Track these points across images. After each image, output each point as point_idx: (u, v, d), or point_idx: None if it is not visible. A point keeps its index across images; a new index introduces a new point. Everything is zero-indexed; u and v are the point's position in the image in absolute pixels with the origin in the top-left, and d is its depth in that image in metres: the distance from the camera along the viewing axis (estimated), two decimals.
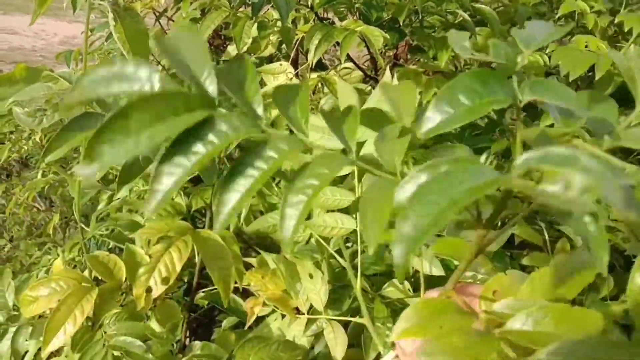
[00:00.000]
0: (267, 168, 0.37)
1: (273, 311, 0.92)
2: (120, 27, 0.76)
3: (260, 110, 0.39)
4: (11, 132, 2.85)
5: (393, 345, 0.41)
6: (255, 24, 1.14)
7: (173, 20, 2.03)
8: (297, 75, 1.63)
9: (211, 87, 0.37)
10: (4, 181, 2.87)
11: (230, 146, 0.87)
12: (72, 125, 0.68)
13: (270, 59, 1.87)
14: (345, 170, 0.78)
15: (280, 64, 1.64)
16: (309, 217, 0.89)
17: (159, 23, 2.13)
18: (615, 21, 1.35)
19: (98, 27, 1.93)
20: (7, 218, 2.65)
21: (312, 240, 0.96)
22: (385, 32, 1.16)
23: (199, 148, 0.35)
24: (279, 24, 1.19)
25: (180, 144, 0.36)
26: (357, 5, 1.14)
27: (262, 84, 1.77)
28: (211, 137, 0.36)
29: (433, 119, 0.32)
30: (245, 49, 1.61)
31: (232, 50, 1.70)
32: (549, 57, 1.33)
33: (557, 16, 1.45)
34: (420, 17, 1.16)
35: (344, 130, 0.42)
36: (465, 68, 1.76)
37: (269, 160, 0.37)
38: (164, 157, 0.35)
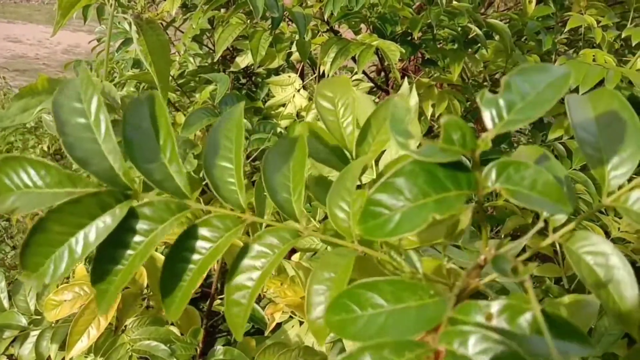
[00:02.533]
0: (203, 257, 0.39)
1: (290, 318, 0.93)
2: (143, 40, 0.78)
3: (182, 183, 0.40)
4: (17, 142, 2.87)
5: None
6: (270, 37, 1.16)
7: (182, 32, 2.05)
8: (304, 87, 1.66)
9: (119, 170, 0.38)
10: None
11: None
12: None
13: (277, 71, 1.89)
14: None
15: (289, 76, 1.67)
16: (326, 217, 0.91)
17: (167, 34, 2.16)
18: (622, 35, 1.37)
19: (111, 37, 1.95)
20: (12, 226, 2.67)
21: (329, 247, 0.97)
22: (400, 46, 1.18)
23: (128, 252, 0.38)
24: (294, 36, 1.21)
25: (109, 247, 0.38)
26: (371, 19, 1.17)
27: (270, 95, 1.79)
28: (137, 238, 0.38)
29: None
30: (246, 63, 1.64)
31: (240, 61, 1.72)
32: None
33: (564, 30, 1.48)
34: (433, 32, 1.18)
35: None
36: (473, 80, 1.79)
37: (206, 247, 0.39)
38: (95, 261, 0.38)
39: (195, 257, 0.40)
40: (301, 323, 0.92)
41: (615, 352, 0.75)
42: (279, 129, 1.18)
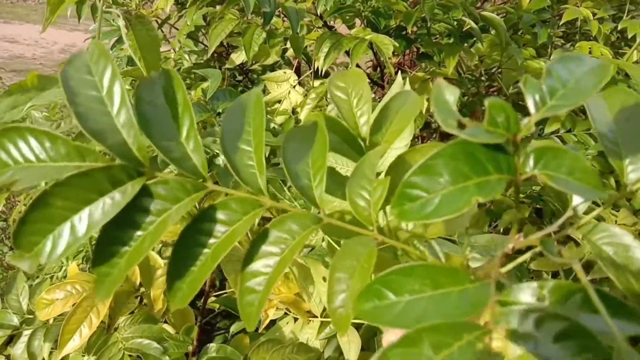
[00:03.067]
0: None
1: (285, 315, 0.92)
2: (132, 34, 0.77)
3: (199, 162, 0.38)
4: None
5: None
6: (263, 33, 1.15)
7: (177, 28, 2.04)
8: (300, 83, 1.65)
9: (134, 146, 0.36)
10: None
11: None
12: None
13: (272, 67, 1.88)
14: None
15: (284, 72, 1.66)
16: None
17: (162, 31, 2.15)
18: (619, 28, 1.36)
19: (104, 35, 1.94)
20: (10, 226, 2.66)
21: (324, 244, 0.97)
22: (393, 40, 1.17)
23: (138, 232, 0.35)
24: (287, 32, 1.20)
25: (116, 227, 0.35)
26: (365, 13, 1.16)
27: (266, 91, 1.79)
28: (148, 218, 0.35)
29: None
30: (241, 60, 1.63)
31: (235, 57, 1.71)
32: None
33: (560, 23, 1.47)
34: (427, 25, 1.17)
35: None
36: (468, 74, 1.78)
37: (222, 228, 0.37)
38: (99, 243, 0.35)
39: (211, 240, 0.37)
40: (296, 320, 0.91)
41: None
42: (272, 125, 1.17)
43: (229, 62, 1.87)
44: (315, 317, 0.86)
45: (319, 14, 1.20)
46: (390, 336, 0.38)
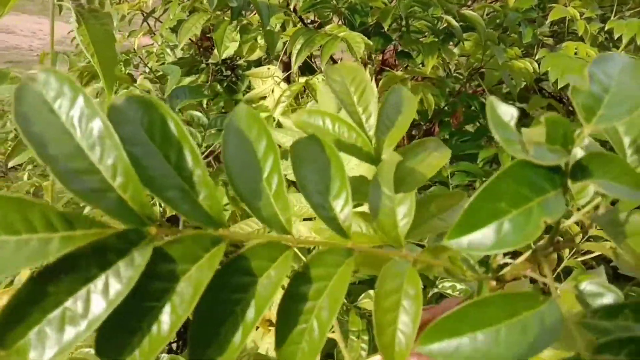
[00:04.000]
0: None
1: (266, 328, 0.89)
2: (84, 29, 0.73)
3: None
4: None
5: None
6: (237, 29, 1.11)
7: (161, 22, 2.01)
8: (287, 78, 1.61)
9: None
10: None
11: None
12: None
13: (259, 62, 1.85)
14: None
15: (268, 68, 1.62)
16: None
17: (147, 24, 2.11)
18: (606, 28, 1.33)
19: None
20: None
21: None
22: (371, 37, 1.14)
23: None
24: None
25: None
26: (342, 9, 1.12)
27: (250, 87, 1.75)
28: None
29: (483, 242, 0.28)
30: (230, 52, 1.59)
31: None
32: (539, 64, 1.30)
33: (547, 22, 1.44)
34: (404, 23, 1.14)
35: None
36: (457, 73, 1.74)
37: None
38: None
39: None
40: (257, 327, 0.88)
41: None
42: None
43: (212, 57, 1.84)
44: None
45: (292, 9, 1.16)
46: (424, 315, 0.35)
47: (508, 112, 0.30)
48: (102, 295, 0.26)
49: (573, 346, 0.29)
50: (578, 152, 0.31)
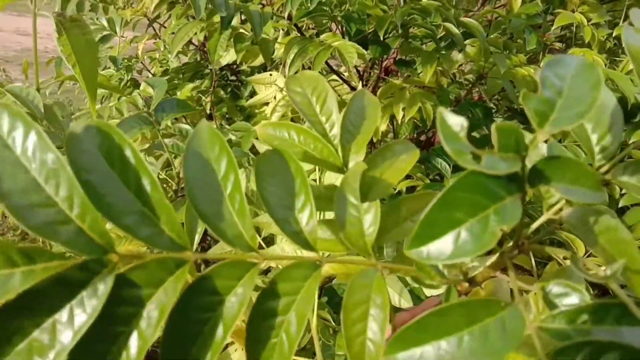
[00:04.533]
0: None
1: (232, 342, 0.87)
2: (66, 39, 0.71)
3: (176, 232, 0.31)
4: None
5: None
6: (231, 37, 1.09)
7: (165, 27, 1.99)
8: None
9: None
10: None
11: None
12: None
13: (264, 68, 1.83)
14: None
15: (270, 74, 1.60)
16: (272, 243, 0.84)
17: (153, 28, 2.10)
18: (614, 34, 1.29)
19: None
20: (2, 223, 2.64)
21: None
22: (369, 46, 1.11)
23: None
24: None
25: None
26: (338, 17, 1.09)
27: (253, 93, 1.73)
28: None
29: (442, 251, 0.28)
30: (232, 59, 1.57)
31: (221, 59, 1.66)
32: None
33: (553, 28, 1.40)
34: (401, 31, 1.10)
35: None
36: (464, 79, 1.70)
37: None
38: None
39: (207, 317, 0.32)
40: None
41: None
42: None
43: (215, 63, 1.81)
44: None
45: (285, 17, 1.14)
46: (405, 316, 0.37)
47: (458, 123, 0.30)
48: (67, 325, 0.26)
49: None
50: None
